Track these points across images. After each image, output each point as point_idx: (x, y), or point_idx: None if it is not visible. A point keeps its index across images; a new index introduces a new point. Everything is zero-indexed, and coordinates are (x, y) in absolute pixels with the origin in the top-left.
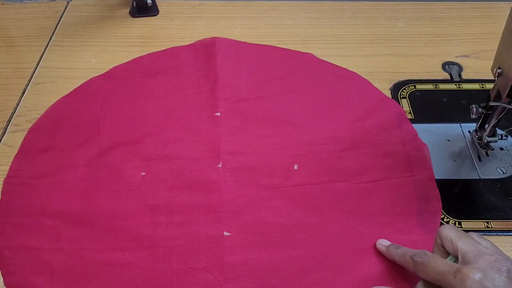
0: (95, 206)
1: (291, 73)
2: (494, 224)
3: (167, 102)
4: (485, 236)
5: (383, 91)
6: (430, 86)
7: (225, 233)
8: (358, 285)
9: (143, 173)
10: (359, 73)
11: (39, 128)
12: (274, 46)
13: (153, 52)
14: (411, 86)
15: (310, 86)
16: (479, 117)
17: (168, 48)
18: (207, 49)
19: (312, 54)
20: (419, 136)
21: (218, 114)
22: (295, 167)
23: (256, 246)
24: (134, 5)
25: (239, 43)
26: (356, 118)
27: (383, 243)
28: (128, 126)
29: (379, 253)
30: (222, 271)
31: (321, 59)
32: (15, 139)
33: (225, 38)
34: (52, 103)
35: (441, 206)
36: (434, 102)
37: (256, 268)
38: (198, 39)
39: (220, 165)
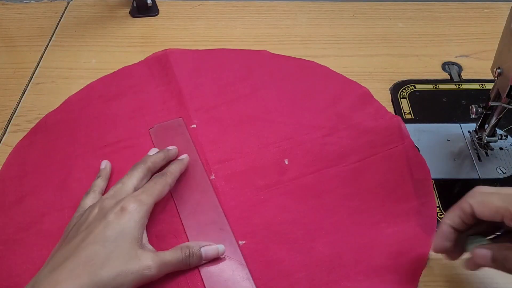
0: None
1: (251, 72)
2: None
3: (137, 124)
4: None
5: (383, 91)
6: (430, 86)
7: (240, 242)
8: (382, 258)
9: None
10: (358, 73)
11: (5, 179)
12: (226, 49)
13: (104, 76)
14: (411, 86)
15: (274, 81)
16: (478, 117)
17: (120, 69)
18: (161, 63)
19: (266, 50)
20: (418, 136)
21: (194, 126)
22: (286, 162)
23: (273, 247)
24: (134, 5)
25: (191, 52)
26: (327, 104)
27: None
28: (105, 156)
29: (389, 226)
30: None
31: (275, 54)
32: (15, 139)
33: (176, 48)
34: (53, 103)
35: (428, 169)
36: (434, 102)
37: (280, 268)
38: (198, 39)
39: (213, 177)
